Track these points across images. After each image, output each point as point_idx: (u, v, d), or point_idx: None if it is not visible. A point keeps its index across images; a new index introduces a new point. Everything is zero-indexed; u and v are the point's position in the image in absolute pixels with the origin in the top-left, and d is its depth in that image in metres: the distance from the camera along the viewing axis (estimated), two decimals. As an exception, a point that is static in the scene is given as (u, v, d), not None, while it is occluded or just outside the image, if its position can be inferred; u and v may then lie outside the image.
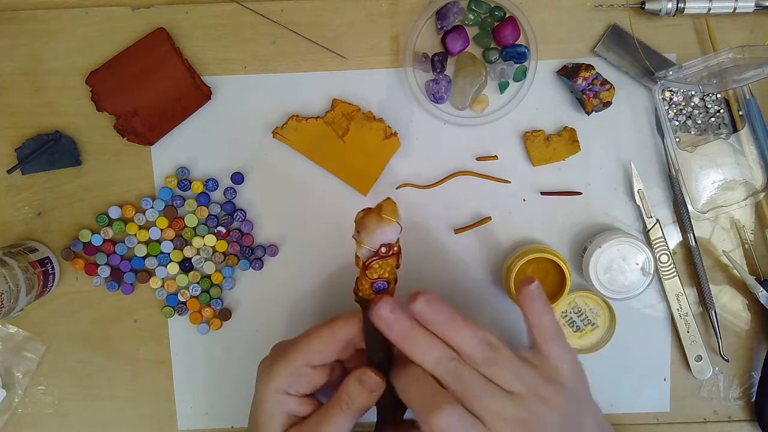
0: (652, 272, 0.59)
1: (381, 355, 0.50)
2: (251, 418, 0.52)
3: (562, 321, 0.63)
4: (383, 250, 0.48)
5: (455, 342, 0.46)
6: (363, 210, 0.49)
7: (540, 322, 0.49)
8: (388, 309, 0.46)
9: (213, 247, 0.63)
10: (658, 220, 0.62)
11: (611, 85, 0.60)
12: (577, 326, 0.63)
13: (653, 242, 0.62)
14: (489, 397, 0.44)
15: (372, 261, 0.48)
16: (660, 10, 0.59)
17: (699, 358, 0.64)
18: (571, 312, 0.63)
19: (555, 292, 0.60)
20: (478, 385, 0.45)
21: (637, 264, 0.59)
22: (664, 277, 0.63)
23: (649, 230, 0.62)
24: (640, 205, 0.62)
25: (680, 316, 0.63)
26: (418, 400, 0.46)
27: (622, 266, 0.59)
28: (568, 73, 0.60)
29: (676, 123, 0.62)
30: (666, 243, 0.62)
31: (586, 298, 0.63)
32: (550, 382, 0.47)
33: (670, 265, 0.62)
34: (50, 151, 0.62)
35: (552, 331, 0.49)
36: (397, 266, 0.50)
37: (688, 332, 0.63)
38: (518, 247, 0.63)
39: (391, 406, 0.50)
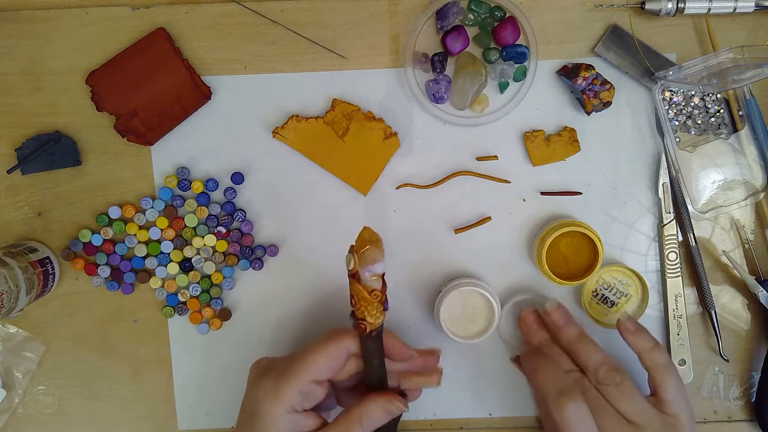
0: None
1: (379, 374, 0.51)
2: None
3: (595, 300, 0.63)
4: (384, 273, 0.49)
5: (583, 355, 0.51)
6: (349, 253, 0.48)
7: (654, 362, 0.53)
8: (534, 317, 0.56)
9: (213, 247, 0.63)
10: (674, 218, 0.62)
11: (611, 85, 0.60)
12: (611, 301, 0.63)
13: (665, 238, 0.62)
14: (609, 416, 0.48)
15: (384, 286, 0.49)
16: (660, 10, 0.59)
17: (683, 362, 0.63)
18: (601, 289, 0.62)
19: (587, 268, 0.60)
20: (600, 401, 0.49)
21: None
22: (669, 276, 0.63)
23: (664, 225, 0.62)
24: (662, 198, 0.62)
25: (674, 317, 0.63)
26: (553, 382, 0.50)
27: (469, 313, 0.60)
28: (568, 73, 0.60)
29: (676, 123, 0.62)
30: (677, 241, 0.62)
31: (612, 271, 0.62)
32: (668, 427, 0.49)
33: (676, 263, 0.62)
34: (50, 151, 0.62)
35: (667, 371, 0.53)
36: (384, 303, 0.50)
37: (678, 334, 0.63)
38: (518, 244, 0.63)
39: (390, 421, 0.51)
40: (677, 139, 0.62)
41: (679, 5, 0.59)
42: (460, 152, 0.63)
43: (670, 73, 0.59)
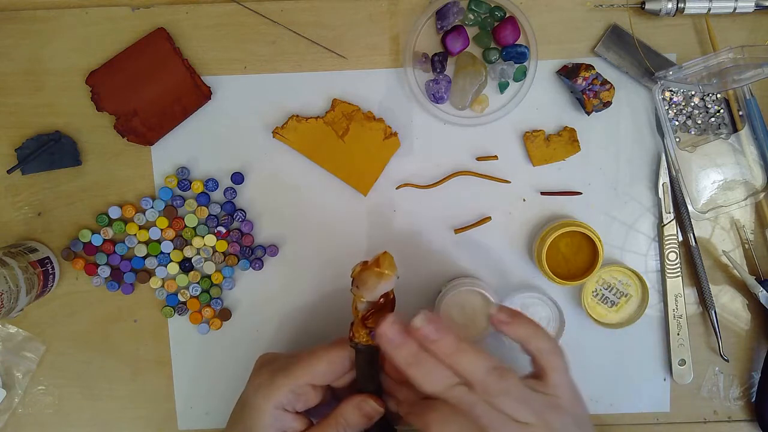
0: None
1: (371, 390, 0.51)
2: (239, 423, 0.51)
3: (595, 300, 0.63)
4: (381, 300, 0.49)
5: (463, 368, 0.45)
6: (360, 264, 0.49)
7: (538, 348, 0.49)
8: (395, 330, 0.46)
9: (213, 247, 0.63)
10: (674, 218, 0.62)
11: (611, 85, 0.60)
12: (611, 301, 0.63)
13: (665, 238, 0.62)
14: (504, 429, 0.44)
15: (370, 313, 0.49)
16: (660, 10, 0.59)
17: (683, 362, 0.64)
18: (601, 289, 0.62)
19: (587, 268, 0.60)
20: (491, 417, 0.45)
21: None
22: (669, 276, 0.63)
23: (664, 225, 0.62)
24: (662, 198, 0.62)
25: (674, 317, 0.63)
26: None
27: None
28: (568, 73, 0.60)
29: (676, 123, 0.62)
30: (677, 241, 0.62)
31: (612, 271, 0.62)
32: (555, 409, 0.47)
33: (676, 263, 0.62)
34: (50, 151, 0.62)
35: (553, 355, 0.49)
36: (391, 311, 0.50)
37: (678, 334, 0.63)
38: (518, 244, 0.63)
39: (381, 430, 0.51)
40: (677, 139, 0.62)
41: (679, 5, 0.59)
42: (460, 152, 0.63)
43: (670, 73, 0.59)
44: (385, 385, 0.52)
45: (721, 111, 0.62)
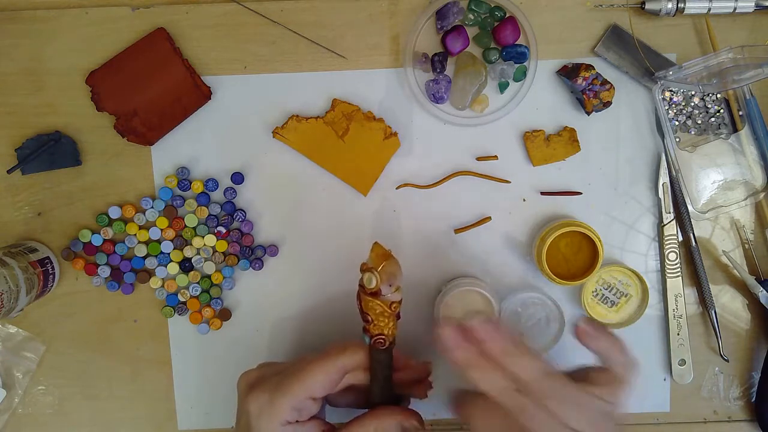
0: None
1: (387, 392, 0.51)
2: None
3: (594, 300, 0.63)
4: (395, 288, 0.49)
5: (516, 369, 0.46)
6: (368, 271, 0.48)
7: (618, 361, 0.50)
8: (455, 332, 0.47)
9: (213, 247, 0.63)
10: (674, 218, 0.62)
11: (611, 85, 0.60)
12: (611, 301, 0.63)
13: (665, 238, 0.62)
14: None
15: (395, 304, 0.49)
16: (660, 10, 0.59)
17: (683, 362, 0.64)
18: (601, 289, 0.62)
19: (587, 268, 0.60)
20: (542, 420, 0.45)
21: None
22: (668, 276, 0.63)
23: (664, 225, 0.62)
24: (662, 198, 0.62)
25: (674, 317, 0.63)
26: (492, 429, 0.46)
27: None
28: (568, 73, 0.60)
29: (676, 123, 0.62)
30: (677, 241, 0.62)
31: (612, 271, 0.62)
32: (607, 418, 0.47)
33: (676, 263, 0.62)
34: (50, 151, 0.62)
35: (629, 369, 0.50)
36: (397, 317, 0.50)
37: (678, 334, 0.63)
38: (518, 244, 0.63)
39: None
40: (677, 139, 0.62)
41: (679, 5, 0.59)
42: (460, 152, 0.63)
43: (670, 73, 0.59)
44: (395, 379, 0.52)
45: (721, 111, 0.62)
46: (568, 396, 0.46)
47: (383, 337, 0.49)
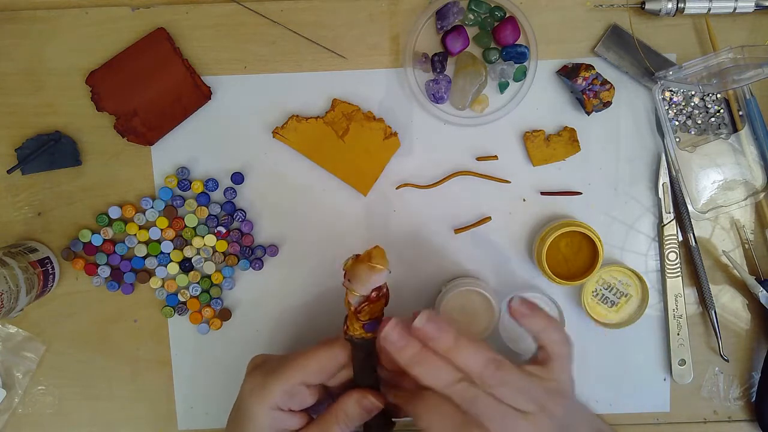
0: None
1: (367, 383, 0.51)
2: (237, 427, 0.51)
3: (594, 300, 0.63)
4: (374, 294, 0.49)
5: (462, 362, 0.46)
6: (352, 258, 0.50)
7: (550, 339, 0.50)
8: (398, 333, 0.47)
9: (213, 247, 0.63)
10: (674, 218, 0.62)
11: (611, 85, 0.60)
12: (611, 301, 0.63)
13: (665, 238, 0.62)
14: (503, 419, 0.45)
15: (363, 306, 0.49)
16: (660, 10, 0.59)
17: (683, 362, 0.64)
18: (601, 289, 0.62)
19: (587, 268, 0.60)
20: (492, 408, 0.45)
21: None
22: (668, 276, 0.63)
23: (664, 225, 0.62)
24: (662, 198, 0.62)
25: (674, 317, 0.63)
26: (443, 424, 0.46)
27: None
28: (568, 73, 0.60)
29: (676, 123, 0.62)
30: (677, 241, 0.62)
31: (612, 271, 0.62)
32: (555, 395, 0.47)
33: (676, 263, 0.62)
34: (50, 151, 0.62)
35: (561, 345, 0.50)
36: (385, 305, 0.51)
37: (678, 334, 0.63)
38: (518, 244, 0.63)
39: (381, 424, 0.51)
40: (677, 139, 0.62)
41: (679, 5, 0.59)
42: (460, 152, 0.63)
43: (670, 73, 0.59)
44: (383, 376, 0.52)
45: (721, 111, 0.62)
46: (512, 380, 0.46)
47: (350, 335, 0.50)
